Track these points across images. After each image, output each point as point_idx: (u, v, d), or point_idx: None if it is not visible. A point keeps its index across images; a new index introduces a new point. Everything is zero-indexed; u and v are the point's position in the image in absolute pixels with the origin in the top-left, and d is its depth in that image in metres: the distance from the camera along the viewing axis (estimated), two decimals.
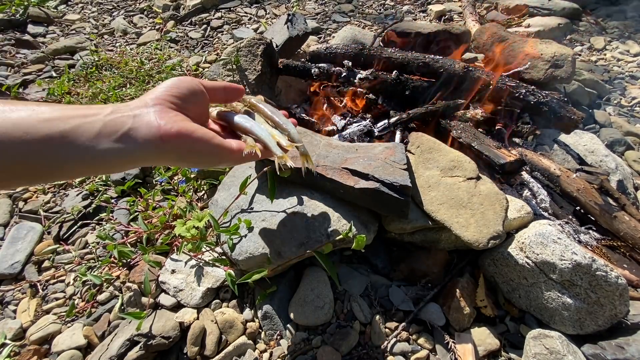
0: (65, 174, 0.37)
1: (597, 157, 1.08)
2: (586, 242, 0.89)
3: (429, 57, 1.14)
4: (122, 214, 1.00)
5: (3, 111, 0.33)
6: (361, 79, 1.08)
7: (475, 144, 0.94)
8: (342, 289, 0.79)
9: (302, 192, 0.79)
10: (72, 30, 1.99)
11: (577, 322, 0.70)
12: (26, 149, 0.33)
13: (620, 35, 1.82)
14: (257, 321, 0.76)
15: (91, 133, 0.36)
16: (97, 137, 0.37)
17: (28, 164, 0.34)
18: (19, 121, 0.33)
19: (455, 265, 0.83)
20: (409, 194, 0.70)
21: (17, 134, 0.33)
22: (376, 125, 1.04)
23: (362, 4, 2.11)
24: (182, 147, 0.42)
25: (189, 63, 1.64)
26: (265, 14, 2.05)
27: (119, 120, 0.38)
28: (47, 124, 0.34)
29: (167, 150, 0.41)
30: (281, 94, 1.26)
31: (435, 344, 0.72)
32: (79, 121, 0.36)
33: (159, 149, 0.40)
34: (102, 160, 0.37)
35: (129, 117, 0.39)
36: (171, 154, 0.42)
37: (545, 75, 1.21)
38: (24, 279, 0.89)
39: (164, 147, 0.40)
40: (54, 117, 0.35)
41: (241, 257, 0.73)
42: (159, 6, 2.12)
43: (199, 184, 1.07)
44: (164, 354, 0.73)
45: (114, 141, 0.37)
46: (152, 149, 0.40)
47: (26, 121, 0.34)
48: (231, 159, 0.48)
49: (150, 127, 0.40)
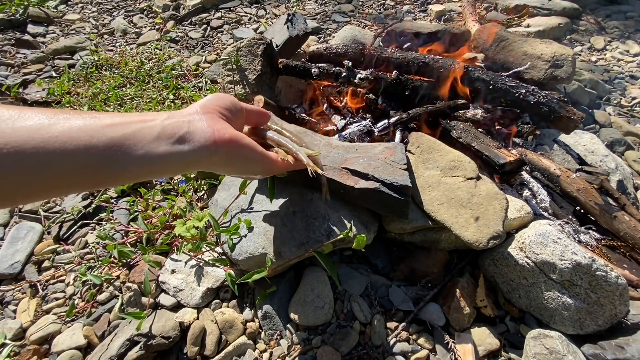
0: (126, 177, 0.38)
1: (597, 157, 1.08)
2: (586, 242, 0.89)
3: (429, 57, 1.14)
4: (122, 214, 1.00)
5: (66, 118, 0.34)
6: (361, 79, 1.08)
7: (475, 144, 0.94)
8: (342, 289, 0.79)
9: (302, 192, 0.79)
10: (72, 30, 1.99)
11: (577, 322, 0.70)
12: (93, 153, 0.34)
13: (620, 35, 1.82)
14: (257, 321, 0.76)
15: (152, 136, 0.39)
16: (157, 140, 0.39)
17: (95, 168, 0.35)
18: (84, 127, 0.34)
19: (455, 265, 0.83)
20: (409, 194, 0.70)
21: (84, 138, 0.34)
22: (376, 125, 1.04)
23: (362, 4, 2.11)
24: (232, 152, 0.45)
25: (189, 63, 1.64)
26: (265, 14, 2.05)
27: (175, 125, 0.41)
28: (111, 128, 0.36)
29: (218, 154, 0.43)
30: (281, 94, 1.26)
31: (435, 344, 0.72)
32: (140, 125, 0.39)
33: (211, 153, 0.43)
34: (160, 163, 0.39)
35: (184, 122, 0.42)
36: (222, 158, 0.44)
37: (545, 75, 1.21)
38: (24, 279, 0.89)
39: (217, 151, 0.43)
40: (115, 122, 0.37)
41: (241, 257, 0.73)
42: (159, 6, 2.12)
43: (199, 184, 1.07)
44: (164, 354, 0.72)
45: (172, 144, 0.40)
46: (205, 153, 0.42)
47: (90, 127, 0.35)
48: (270, 167, 0.53)
49: (204, 132, 0.42)
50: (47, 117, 0.33)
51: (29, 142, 0.31)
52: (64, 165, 0.33)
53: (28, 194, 0.33)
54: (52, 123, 0.33)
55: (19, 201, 0.35)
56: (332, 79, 1.13)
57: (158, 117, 0.41)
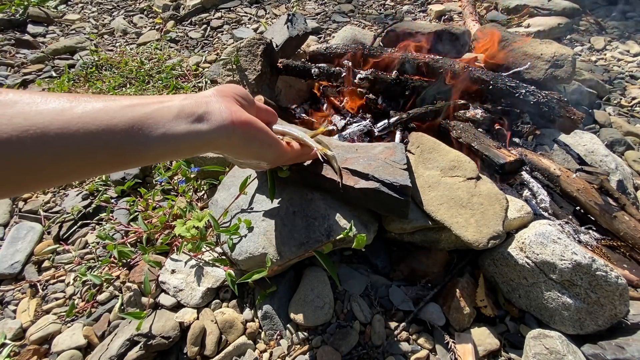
0: (149, 157, 0.39)
1: (597, 157, 1.08)
2: (586, 242, 0.89)
3: (429, 57, 1.14)
4: (122, 214, 1.00)
5: (87, 101, 0.35)
6: (361, 79, 1.08)
7: (475, 144, 0.94)
8: (342, 289, 0.79)
9: (302, 192, 0.79)
10: (72, 30, 1.99)
11: (577, 322, 0.70)
12: (115, 131, 0.35)
13: (620, 35, 1.82)
14: (257, 321, 0.76)
15: (171, 115, 0.39)
16: (176, 119, 0.39)
17: (118, 147, 0.35)
18: (105, 108, 0.35)
19: (455, 265, 0.83)
20: (409, 193, 0.70)
21: (105, 119, 0.34)
22: (376, 125, 1.04)
23: (362, 4, 2.11)
24: (249, 134, 0.46)
25: (189, 63, 1.64)
26: (265, 14, 2.05)
27: (194, 104, 0.42)
28: (130, 108, 0.37)
29: (235, 135, 0.44)
30: (281, 94, 1.26)
31: (435, 344, 0.72)
32: (158, 105, 0.39)
33: (228, 133, 0.43)
34: (181, 141, 0.40)
35: (202, 103, 0.43)
36: (239, 139, 0.45)
37: (545, 75, 1.21)
38: (24, 279, 0.89)
39: (234, 131, 0.44)
40: (134, 103, 0.37)
41: (241, 257, 0.73)
42: (159, 6, 2.12)
43: (199, 184, 1.07)
44: (164, 354, 0.73)
45: (191, 122, 0.40)
46: (222, 133, 0.43)
47: (111, 107, 0.35)
48: (282, 151, 0.54)
49: (222, 112, 0.43)
50: (68, 100, 0.34)
51: (53, 123, 0.31)
52: (88, 145, 0.33)
53: (55, 176, 0.34)
54: (74, 105, 0.34)
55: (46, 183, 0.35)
56: (332, 79, 1.13)
57: (176, 98, 0.41)
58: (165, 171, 1.10)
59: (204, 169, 0.99)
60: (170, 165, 1.15)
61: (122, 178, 1.08)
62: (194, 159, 1.05)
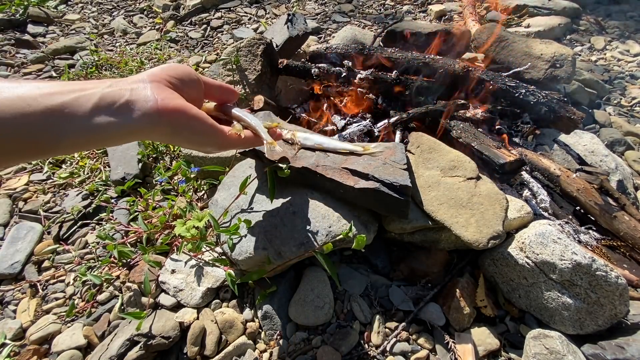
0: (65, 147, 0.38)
1: (597, 157, 1.08)
2: (586, 242, 0.89)
3: (429, 57, 1.14)
4: (122, 214, 1.00)
5: (10, 87, 0.35)
6: (361, 79, 1.08)
7: (475, 143, 0.94)
8: (342, 289, 0.79)
9: (302, 192, 0.79)
10: (72, 30, 1.99)
11: (577, 322, 0.70)
12: (29, 121, 0.34)
13: (620, 35, 1.82)
14: (257, 321, 0.76)
15: (89, 104, 0.37)
16: (95, 109, 0.38)
17: (30, 135, 0.35)
18: (23, 95, 0.35)
19: (455, 265, 0.83)
20: (409, 193, 0.70)
21: (20, 106, 0.34)
22: (376, 125, 1.04)
23: (362, 4, 2.11)
24: (178, 122, 0.43)
25: (189, 63, 1.64)
26: (265, 14, 2.05)
27: (116, 93, 0.39)
28: (48, 97, 0.36)
29: (162, 124, 0.42)
30: (281, 94, 1.26)
31: (435, 344, 0.72)
32: (78, 94, 0.37)
33: (154, 122, 0.41)
34: (100, 131, 0.38)
35: (126, 90, 0.40)
36: (166, 128, 0.43)
37: (545, 75, 1.21)
38: (24, 279, 0.89)
39: (160, 120, 0.41)
40: (54, 91, 0.36)
41: (241, 257, 0.73)
42: (159, 6, 2.12)
43: (199, 184, 1.07)
44: (164, 354, 0.73)
45: (111, 112, 0.38)
46: (147, 122, 0.41)
47: (29, 95, 0.35)
48: (221, 140, 0.50)
49: (147, 100, 0.41)
50: None
51: None
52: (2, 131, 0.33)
53: None
54: None
55: None
56: (332, 79, 1.13)
57: (100, 85, 0.39)
58: (165, 171, 1.10)
59: (204, 169, 0.99)
60: (170, 165, 1.15)
61: (122, 178, 1.08)
62: (194, 159, 1.05)
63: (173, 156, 1.19)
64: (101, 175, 1.13)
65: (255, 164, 0.87)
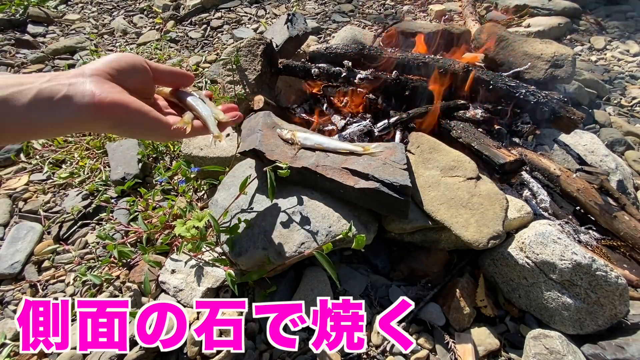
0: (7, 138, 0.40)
1: (597, 157, 1.08)
2: (586, 242, 0.89)
3: (429, 57, 1.14)
4: (122, 214, 1.00)
5: None
6: (361, 79, 1.08)
7: (475, 144, 0.94)
8: (342, 289, 0.79)
9: (302, 192, 0.79)
10: (72, 30, 1.99)
11: (577, 322, 0.70)
12: None
13: (620, 35, 1.82)
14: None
15: (25, 100, 0.38)
16: (32, 104, 0.38)
17: None
18: None
19: (455, 265, 0.83)
20: (409, 193, 0.70)
21: None
22: (376, 125, 1.04)
23: (362, 4, 2.11)
24: (116, 116, 0.43)
25: (189, 63, 1.64)
26: (265, 14, 2.05)
27: (54, 88, 0.40)
28: None
29: (101, 118, 0.42)
30: (281, 94, 1.26)
31: (435, 344, 0.72)
32: (16, 89, 0.38)
33: (92, 116, 0.42)
34: (38, 125, 0.39)
35: (64, 85, 0.41)
36: (106, 121, 0.43)
37: (545, 75, 1.21)
38: (23, 279, 0.89)
39: (98, 115, 0.42)
40: None
41: (241, 257, 0.73)
42: (159, 6, 2.12)
43: (199, 184, 1.07)
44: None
45: (47, 108, 0.39)
46: (85, 117, 0.41)
47: None
48: (166, 132, 0.50)
49: (84, 95, 0.41)
50: None
51: None
52: None
53: None
54: None
55: None
56: (332, 79, 1.13)
57: (38, 80, 0.40)
58: (165, 171, 1.10)
59: (204, 169, 0.99)
60: (170, 165, 1.15)
61: (122, 178, 1.08)
62: (194, 159, 1.05)
63: (173, 156, 1.19)
64: (101, 175, 1.13)
65: (255, 164, 0.87)
